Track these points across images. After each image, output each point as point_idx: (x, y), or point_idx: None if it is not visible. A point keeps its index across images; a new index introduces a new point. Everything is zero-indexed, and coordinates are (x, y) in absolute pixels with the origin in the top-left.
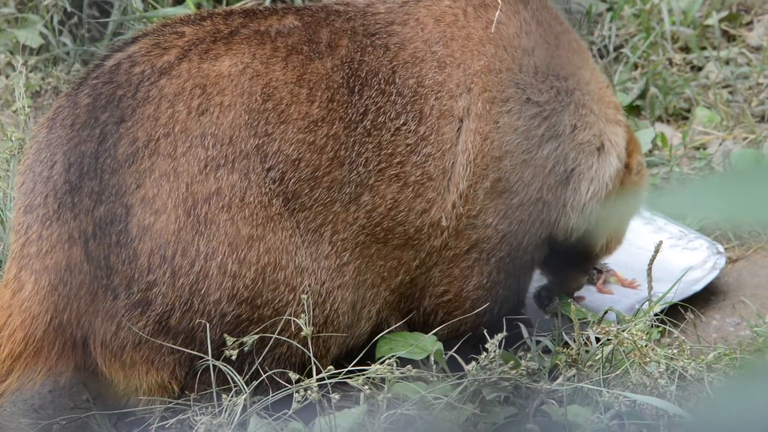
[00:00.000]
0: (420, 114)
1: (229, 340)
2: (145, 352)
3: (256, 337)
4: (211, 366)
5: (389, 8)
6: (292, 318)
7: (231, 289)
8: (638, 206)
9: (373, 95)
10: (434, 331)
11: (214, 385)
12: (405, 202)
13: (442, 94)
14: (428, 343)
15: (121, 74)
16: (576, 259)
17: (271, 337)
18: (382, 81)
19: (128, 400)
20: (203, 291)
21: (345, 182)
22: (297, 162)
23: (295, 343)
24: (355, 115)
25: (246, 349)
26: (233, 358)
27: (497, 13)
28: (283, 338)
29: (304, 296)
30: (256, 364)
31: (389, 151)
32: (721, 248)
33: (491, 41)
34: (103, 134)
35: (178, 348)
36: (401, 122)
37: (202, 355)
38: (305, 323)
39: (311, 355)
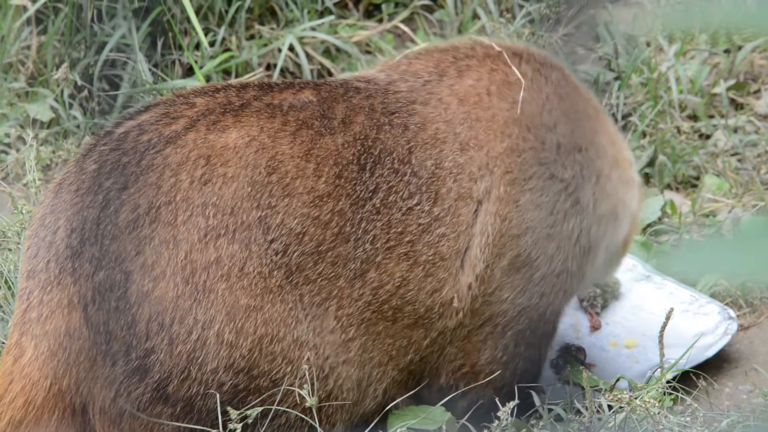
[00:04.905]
0: (436, 195)
1: (233, 413)
2: (144, 420)
3: (260, 409)
4: None
5: (411, 87)
6: (295, 389)
7: (228, 359)
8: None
9: (385, 174)
10: (452, 395)
11: None
12: (415, 281)
13: (462, 176)
14: (438, 414)
15: (128, 142)
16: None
17: (272, 408)
18: (396, 160)
19: None
20: (201, 359)
21: (350, 258)
22: (301, 236)
23: (301, 414)
24: (363, 192)
25: (249, 421)
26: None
27: (521, 93)
28: (286, 409)
29: (305, 366)
30: None
31: (399, 229)
32: (732, 313)
33: (515, 122)
34: (106, 200)
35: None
36: (414, 202)
37: (201, 428)
38: (308, 393)
39: (316, 424)
